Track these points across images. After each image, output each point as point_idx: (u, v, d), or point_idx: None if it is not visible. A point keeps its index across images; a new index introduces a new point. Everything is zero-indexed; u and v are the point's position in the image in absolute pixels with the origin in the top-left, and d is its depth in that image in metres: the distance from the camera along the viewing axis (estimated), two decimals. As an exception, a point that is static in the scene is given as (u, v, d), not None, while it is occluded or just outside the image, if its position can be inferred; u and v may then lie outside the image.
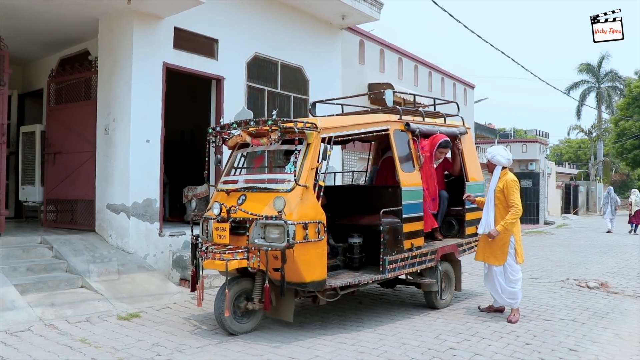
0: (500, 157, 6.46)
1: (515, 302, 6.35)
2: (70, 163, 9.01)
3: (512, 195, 6.26)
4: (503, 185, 6.32)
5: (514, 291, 6.31)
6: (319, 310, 6.56)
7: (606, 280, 9.10)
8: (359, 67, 14.57)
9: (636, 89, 37.79)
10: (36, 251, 7.51)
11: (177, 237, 8.48)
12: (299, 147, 5.56)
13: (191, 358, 4.81)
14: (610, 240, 17.30)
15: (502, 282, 6.34)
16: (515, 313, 6.32)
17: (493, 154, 6.50)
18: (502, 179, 6.38)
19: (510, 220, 6.19)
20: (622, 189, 60.77)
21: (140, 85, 8.11)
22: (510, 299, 6.35)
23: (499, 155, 6.47)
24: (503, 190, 6.32)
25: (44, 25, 8.73)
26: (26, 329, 5.54)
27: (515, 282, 6.31)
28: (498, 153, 6.48)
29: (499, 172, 6.45)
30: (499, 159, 6.45)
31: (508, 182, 6.31)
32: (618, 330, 6.07)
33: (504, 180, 6.36)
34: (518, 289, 6.32)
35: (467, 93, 21.26)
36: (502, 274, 6.35)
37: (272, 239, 5.22)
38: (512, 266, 6.32)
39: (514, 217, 6.20)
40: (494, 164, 6.50)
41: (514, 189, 6.30)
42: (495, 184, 6.41)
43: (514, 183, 6.34)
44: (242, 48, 9.72)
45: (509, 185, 6.29)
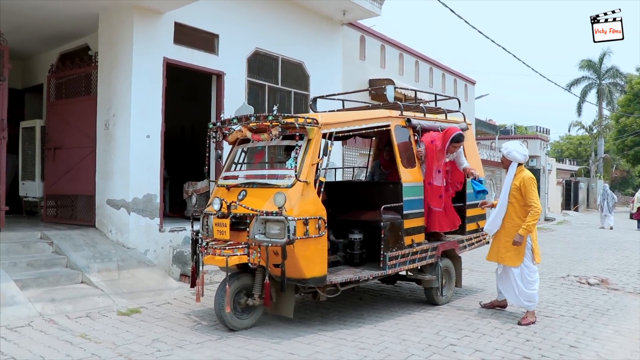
0: (517, 153, 6.21)
1: (532, 305, 6.11)
2: (70, 158, 8.99)
3: (530, 193, 6.01)
4: (520, 183, 6.08)
5: (532, 293, 6.07)
6: (319, 306, 6.56)
7: (607, 277, 9.10)
8: (360, 62, 14.54)
9: (637, 85, 37.77)
10: (36, 246, 7.50)
11: (178, 232, 8.47)
12: (300, 142, 5.55)
13: (191, 354, 4.81)
14: (611, 236, 17.30)
15: (519, 284, 6.09)
16: (529, 316, 6.07)
17: (509, 150, 6.25)
18: (518, 176, 6.14)
19: (532, 222, 5.94)
20: (623, 185, 60.76)
21: (141, 81, 8.08)
22: (527, 302, 6.10)
23: (514, 151, 6.21)
24: (520, 188, 6.08)
25: (44, 20, 8.71)
26: (26, 324, 5.54)
27: (533, 283, 6.09)
28: (514, 149, 6.23)
29: (514, 168, 6.21)
30: (515, 155, 6.20)
31: (525, 180, 6.06)
32: (618, 327, 6.07)
33: (520, 177, 6.11)
34: (536, 290, 6.10)
35: (468, 89, 21.21)
36: (519, 276, 6.10)
37: (273, 234, 5.21)
38: (529, 267, 6.10)
39: (534, 218, 5.95)
40: (509, 160, 6.26)
41: (532, 186, 6.06)
42: (511, 181, 6.17)
43: (531, 180, 6.09)
44: (243, 43, 9.70)
45: (526, 183, 6.04)
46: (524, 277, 6.09)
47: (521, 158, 6.22)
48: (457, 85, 20.32)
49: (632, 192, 50.33)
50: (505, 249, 6.16)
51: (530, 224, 5.93)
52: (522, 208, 6.08)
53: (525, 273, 6.09)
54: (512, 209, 6.15)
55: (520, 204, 6.09)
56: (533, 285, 6.09)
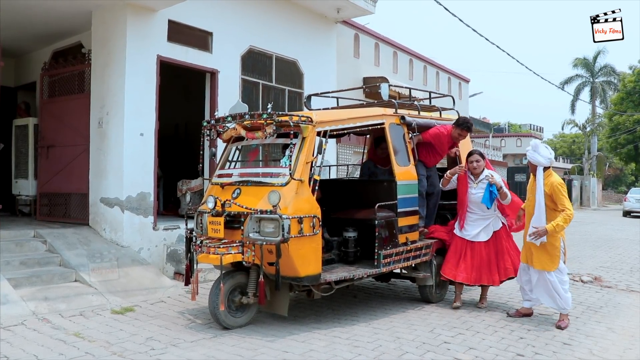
0: (541, 157, 5.88)
1: (567, 308, 5.96)
2: (63, 157, 8.95)
3: (561, 200, 5.78)
4: (549, 190, 5.83)
5: (568, 296, 5.93)
6: (313, 305, 6.56)
7: (600, 275, 9.14)
8: (354, 60, 14.56)
9: (630, 83, 37.89)
10: (29, 245, 7.47)
11: (172, 231, 8.45)
12: (294, 140, 5.54)
13: (185, 352, 4.80)
14: (604, 234, 17.38)
15: (558, 288, 5.87)
16: (564, 318, 5.96)
17: (532, 155, 5.93)
18: (547, 182, 5.86)
19: (562, 224, 5.72)
20: (616, 183, 61.12)
21: (134, 79, 8.06)
22: (565, 305, 5.91)
23: (539, 155, 5.89)
24: (551, 195, 5.83)
25: (37, 17, 8.66)
26: (19, 323, 5.52)
27: (565, 283, 5.93)
28: (539, 153, 5.90)
29: (542, 173, 5.89)
30: (540, 159, 5.87)
31: (554, 186, 5.81)
32: (611, 324, 6.10)
33: (549, 183, 5.84)
34: (569, 293, 5.98)
35: (462, 87, 21.28)
36: (556, 280, 5.88)
37: (267, 233, 5.21)
38: (562, 270, 5.93)
39: (566, 222, 5.72)
40: (534, 164, 5.94)
41: (562, 192, 5.83)
42: (542, 188, 5.86)
43: (562, 186, 5.85)
44: (237, 41, 9.68)
45: (556, 190, 5.80)
46: (561, 280, 5.90)
47: (546, 162, 5.90)
48: (451, 83, 20.37)
49: (625, 190, 50.64)
50: (540, 253, 5.91)
51: (559, 224, 5.70)
52: (552, 213, 5.84)
53: (560, 277, 5.90)
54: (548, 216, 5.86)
55: (550, 209, 5.86)
56: (565, 285, 5.94)
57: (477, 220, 6.56)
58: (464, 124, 6.79)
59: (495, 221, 6.60)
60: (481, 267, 6.49)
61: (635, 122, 36.90)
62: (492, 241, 6.56)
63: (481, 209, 6.51)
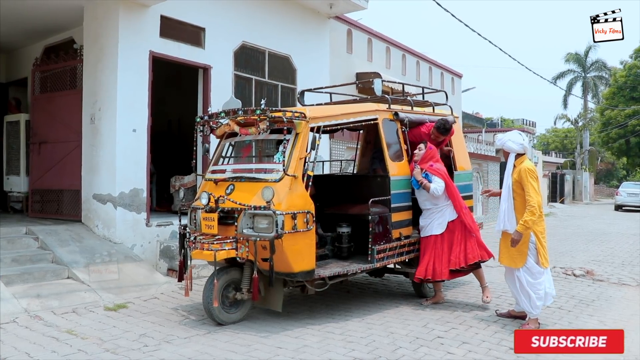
0: (512, 142, 5.60)
1: (533, 312, 5.52)
2: (55, 153, 8.91)
3: (527, 187, 5.36)
4: (517, 176, 5.49)
5: (539, 303, 5.48)
6: (307, 300, 6.57)
7: (592, 268, 9.19)
8: (347, 56, 14.53)
9: (621, 78, 38.07)
10: (21, 242, 7.42)
11: (165, 227, 8.42)
12: (288, 136, 5.53)
13: (179, 348, 4.79)
14: (596, 228, 17.49)
15: (525, 288, 5.48)
16: (530, 323, 5.52)
17: (503, 141, 5.69)
18: (517, 169, 5.55)
19: (530, 218, 5.29)
20: (608, 177, 61.39)
21: (127, 74, 8.01)
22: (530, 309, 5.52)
23: (509, 141, 5.62)
24: (519, 181, 5.46)
25: (28, 12, 8.59)
26: (11, 320, 5.49)
27: (536, 286, 5.47)
28: (509, 139, 5.64)
29: (512, 160, 5.62)
30: (510, 145, 5.60)
31: (521, 171, 5.44)
32: (603, 317, 6.14)
33: (518, 169, 5.52)
34: (539, 295, 5.46)
35: (454, 82, 21.28)
36: (524, 278, 5.49)
37: (261, 229, 5.21)
38: (532, 268, 5.47)
39: (533, 214, 5.29)
40: (507, 151, 5.68)
41: (529, 178, 5.39)
42: (510, 175, 5.59)
43: (529, 172, 5.41)
44: (229, 37, 9.64)
45: (523, 175, 5.41)
46: (528, 280, 5.48)
47: (518, 147, 5.60)
48: (444, 78, 20.37)
49: (616, 184, 50.92)
50: (507, 248, 5.59)
51: (527, 220, 5.28)
52: (523, 205, 5.43)
53: (529, 275, 5.48)
54: (516, 204, 5.54)
55: (522, 199, 5.46)
56: (537, 287, 5.47)
57: (432, 214, 6.37)
58: (441, 126, 6.69)
59: (450, 211, 6.34)
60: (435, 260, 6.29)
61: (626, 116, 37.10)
62: (447, 233, 6.34)
63: (430, 200, 6.33)
